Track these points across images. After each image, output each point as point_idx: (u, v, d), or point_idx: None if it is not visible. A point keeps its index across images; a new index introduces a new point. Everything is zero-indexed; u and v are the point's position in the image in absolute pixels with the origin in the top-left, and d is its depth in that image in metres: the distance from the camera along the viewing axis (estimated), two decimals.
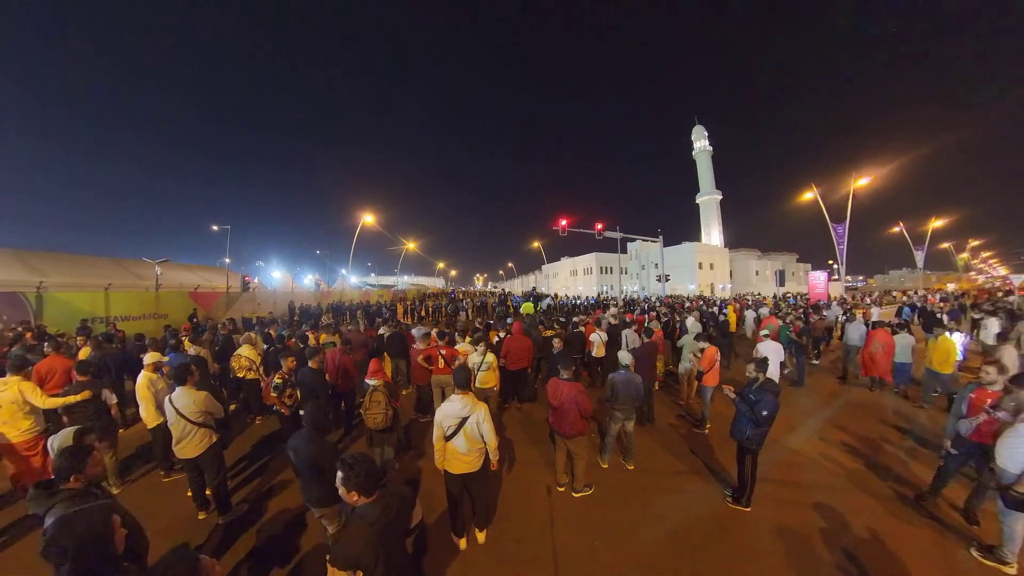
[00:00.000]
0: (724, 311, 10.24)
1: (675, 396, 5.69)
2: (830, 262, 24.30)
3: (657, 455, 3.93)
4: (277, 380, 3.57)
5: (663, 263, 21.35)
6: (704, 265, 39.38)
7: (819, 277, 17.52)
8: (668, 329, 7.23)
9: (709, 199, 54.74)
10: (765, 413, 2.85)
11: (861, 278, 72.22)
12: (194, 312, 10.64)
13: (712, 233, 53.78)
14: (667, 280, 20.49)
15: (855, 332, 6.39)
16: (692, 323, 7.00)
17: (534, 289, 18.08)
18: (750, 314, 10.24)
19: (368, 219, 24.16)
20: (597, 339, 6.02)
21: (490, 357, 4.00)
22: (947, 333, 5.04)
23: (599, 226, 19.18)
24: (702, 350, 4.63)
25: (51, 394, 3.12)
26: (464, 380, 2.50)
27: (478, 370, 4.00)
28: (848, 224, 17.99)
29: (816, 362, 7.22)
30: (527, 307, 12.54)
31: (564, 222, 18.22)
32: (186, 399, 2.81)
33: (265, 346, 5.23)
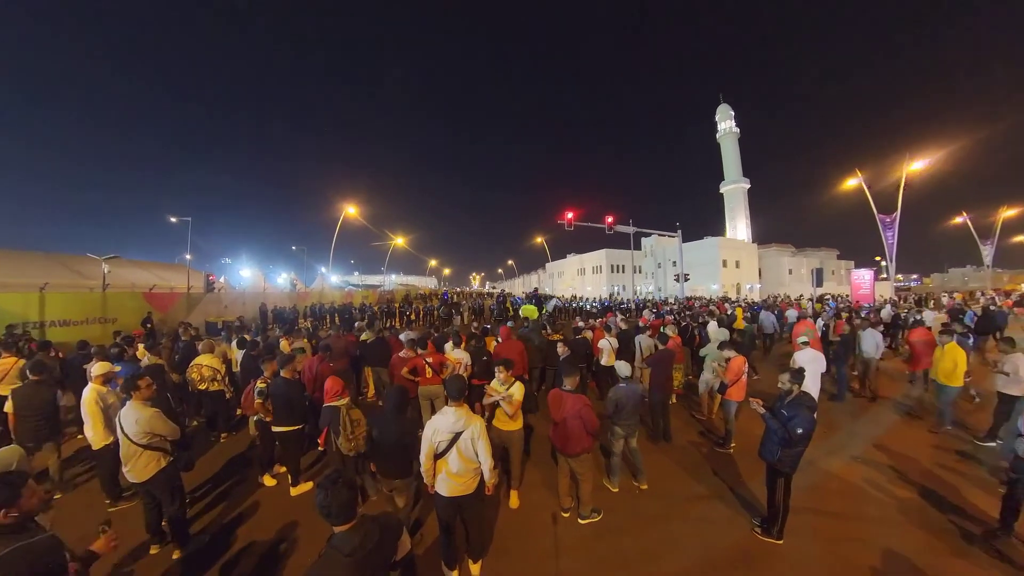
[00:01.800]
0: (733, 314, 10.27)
1: (695, 411, 5.67)
2: (877, 259, 23.49)
3: (675, 477, 3.88)
4: (261, 385, 3.60)
5: (682, 260, 21.15)
6: (729, 263, 39.11)
7: (864, 276, 16.64)
8: (687, 335, 7.22)
9: (735, 188, 53.87)
10: (800, 431, 2.78)
11: (915, 277, 67.67)
12: (148, 316, 10.34)
13: (738, 227, 53.08)
14: (686, 280, 20.42)
15: (870, 342, 6.06)
16: (715, 329, 6.99)
17: (536, 290, 18.03)
18: (767, 317, 10.03)
19: (351, 211, 24.29)
20: (606, 346, 6.01)
21: (516, 389, 3.27)
22: (954, 339, 4.92)
23: (610, 219, 19.05)
24: (727, 360, 4.59)
25: None
26: (457, 391, 2.49)
27: (496, 403, 3.29)
28: (899, 215, 17.12)
29: (856, 373, 7.03)
30: (529, 310, 12.41)
31: (570, 215, 18.19)
32: (131, 416, 2.73)
33: (241, 351, 5.20)
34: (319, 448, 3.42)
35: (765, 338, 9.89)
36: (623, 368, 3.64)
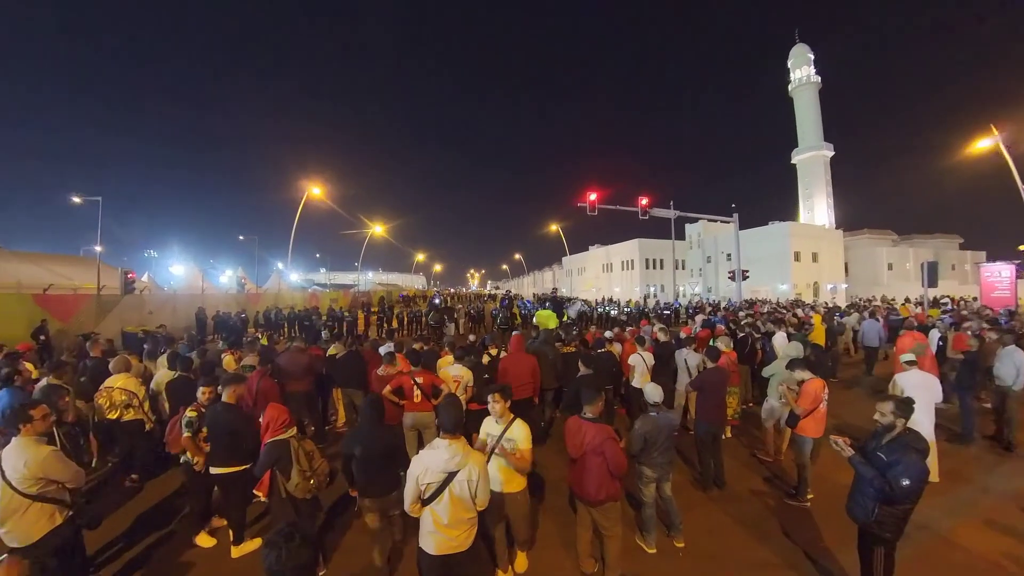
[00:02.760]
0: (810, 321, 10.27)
1: (756, 449, 5.69)
2: (1021, 248, 21.72)
3: (730, 536, 3.84)
4: (191, 414, 3.58)
5: (739, 253, 20.86)
6: (803, 255, 38.32)
7: (1001, 271, 15.46)
8: (745, 350, 7.17)
9: (813, 157, 52.13)
10: (906, 483, 2.62)
11: None
12: (43, 325, 9.99)
13: (816, 208, 51.71)
14: (745, 278, 20.18)
15: (1009, 365, 5.64)
16: (783, 341, 6.94)
17: (555, 291, 17.98)
18: (871, 326, 9.97)
19: (315, 191, 24.50)
20: (639, 362, 6.07)
21: (518, 431, 3.06)
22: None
23: (644, 201, 19.08)
24: (800, 383, 4.52)
25: None
26: (453, 421, 2.52)
27: (491, 452, 3.10)
28: None
29: (989, 405, 6.61)
30: (545, 317, 12.24)
31: (594, 196, 18.32)
32: (17, 457, 2.66)
33: (175, 373, 5.21)
34: (257, 499, 3.36)
35: (868, 354, 9.88)
36: (652, 392, 3.66)
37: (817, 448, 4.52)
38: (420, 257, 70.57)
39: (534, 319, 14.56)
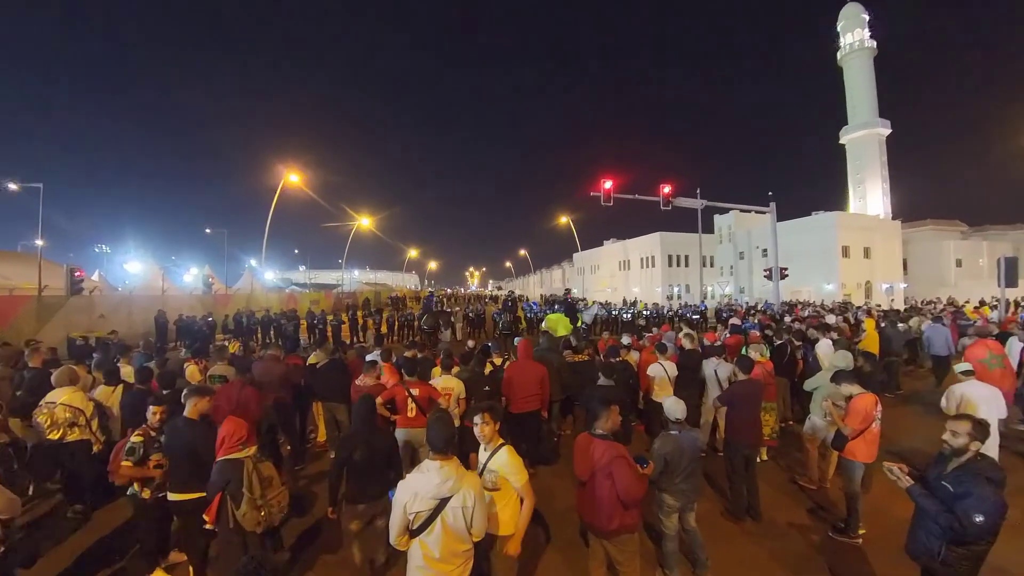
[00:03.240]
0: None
1: (797, 474, 5.66)
2: None
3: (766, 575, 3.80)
4: (135, 439, 3.52)
5: (776, 248, 20.65)
6: (853, 250, 37.78)
7: None
8: (783, 359, 7.14)
9: (866, 136, 50.89)
10: (979, 519, 2.52)
11: None
12: None
13: (869, 196, 50.62)
14: (783, 277, 20.00)
15: None
16: (828, 350, 6.95)
17: (568, 293, 17.97)
18: (936, 331, 9.78)
19: (293, 179, 24.71)
20: (659, 373, 6.13)
21: (502, 460, 2.90)
22: None
23: (666, 189, 19.07)
24: (847, 398, 4.47)
25: None
26: (444, 439, 2.53)
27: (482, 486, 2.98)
28: None
29: None
30: (555, 321, 12.06)
31: (609, 184, 18.27)
32: None
33: (112, 389, 5.19)
34: (206, 526, 3.32)
35: (936, 365, 9.85)
36: (674, 407, 3.66)
37: (869, 475, 4.46)
38: (412, 253, 70.86)
39: (543, 324, 14.49)
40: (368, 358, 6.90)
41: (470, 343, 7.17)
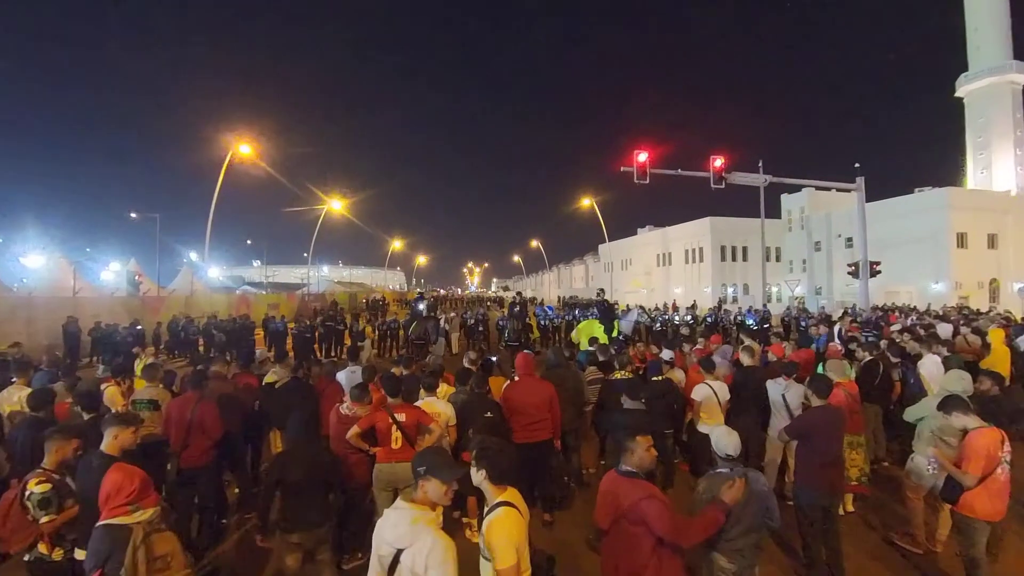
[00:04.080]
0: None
1: (894, 532, 5.57)
2: None
3: None
4: (38, 488, 3.46)
5: (865, 236, 20.48)
6: (972, 238, 36.93)
7: None
8: (875, 380, 7.09)
9: (993, 86, 49.20)
10: None
11: None
12: None
13: (996, 166, 49.20)
14: (875, 273, 19.67)
15: None
16: (935, 369, 6.73)
17: (601, 294, 17.96)
18: None
19: (244, 150, 24.95)
20: (707, 396, 6.18)
21: (491, 525, 2.69)
22: None
23: (717, 162, 19.13)
24: (963, 434, 4.41)
25: None
26: (423, 467, 2.61)
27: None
28: None
29: None
30: (590, 331, 11.69)
31: (644, 156, 18.43)
32: None
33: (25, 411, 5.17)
34: None
35: None
36: (724, 440, 3.58)
37: (996, 536, 4.38)
38: (396, 245, 71.20)
39: (572, 334, 14.39)
40: (343, 377, 6.90)
41: (470, 355, 7.13)
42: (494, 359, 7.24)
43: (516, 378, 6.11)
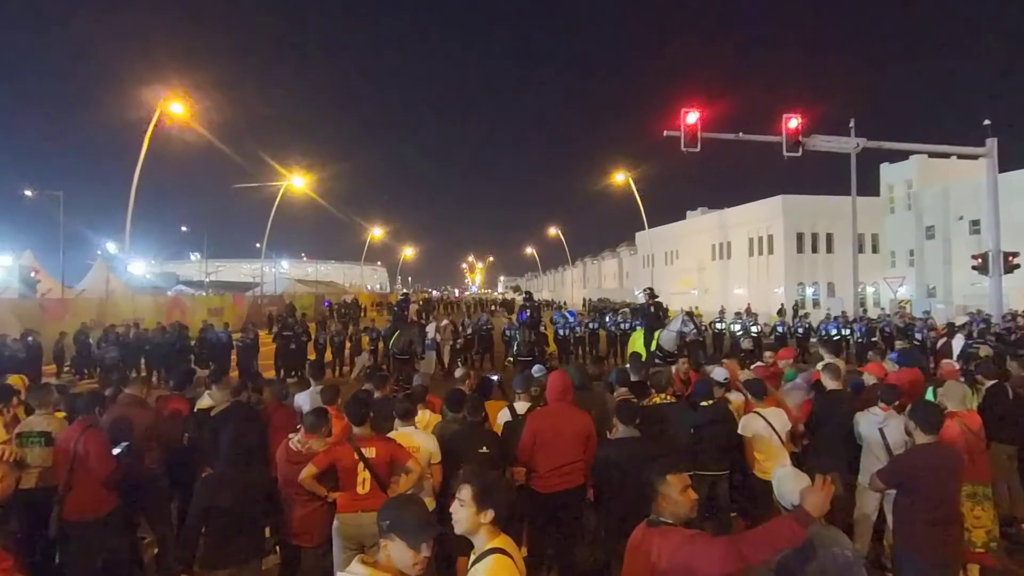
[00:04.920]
0: None
1: None
2: None
3: None
4: None
5: (997, 217, 20.27)
6: None
7: None
8: (1004, 410, 7.10)
9: None
10: None
11: None
12: None
13: None
14: (1010, 269, 19.26)
15: None
16: None
17: (650, 293, 18.01)
18: None
19: (176, 110, 24.99)
20: (759, 430, 6.29)
21: (496, 571, 2.77)
22: None
23: (792, 122, 19.34)
24: None
25: None
26: (386, 520, 2.60)
27: None
28: None
29: None
30: (636, 345, 11.54)
31: (694, 116, 18.77)
32: None
33: None
34: None
35: None
36: (789, 485, 3.54)
37: None
38: (376, 234, 71.63)
39: (630, 344, 14.44)
40: (300, 401, 6.97)
41: (457, 372, 7.14)
42: (495, 378, 7.18)
43: (547, 400, 6.14)
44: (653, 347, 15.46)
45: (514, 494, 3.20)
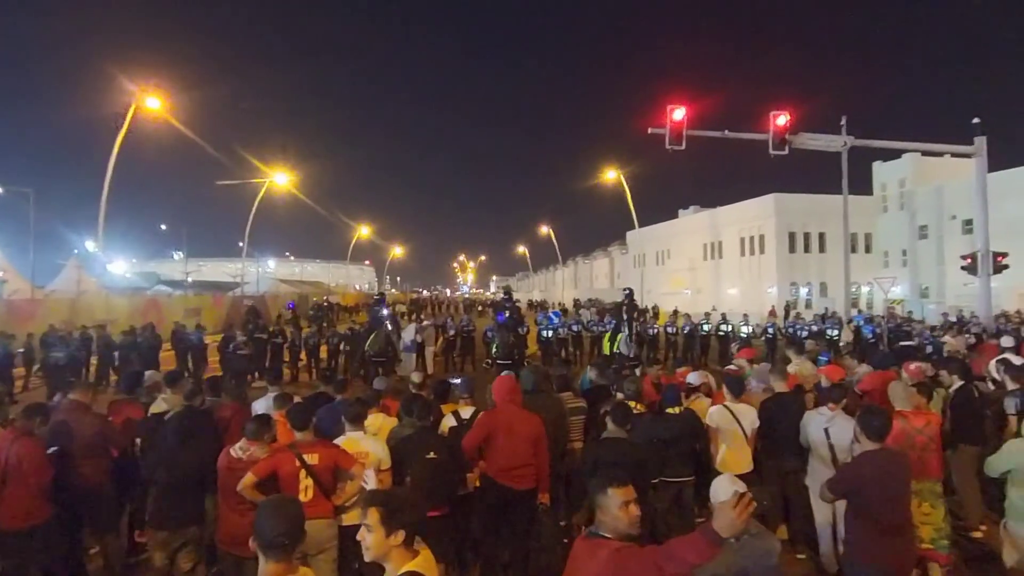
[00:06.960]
0: None
1: None
2: None
3: None
4: None
5: (986, 216, 20.37)
6: None
7: None
8: (970, 411, 7.18)
9: None
10: None
11: None
12: None
13: None
14: (999, 269, 19.58)
15: None
16: None
17: (629, 293, 18.21)
18: None
19: (152, 104, 24.80)
20: (725, 423, 6.40)
21: None
22: None
23: (780, 119, 19.43)
24: None
25: None
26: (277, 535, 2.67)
27: None
28: None
29: None
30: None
31: (680, 113, 18.87)
32: None
33: None
34: None
35: None
36: (719, 491, 3.65)
37: None
38: (364, 232, 71.48)
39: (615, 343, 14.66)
40: (260, 406, 6.93)
41: (415, 378, 7.10)
42: (456, 381, 7.16)
43: (494, 400, 6.19)
44: (616, 347, 15.82)
45: (427, 508, 3.14)
